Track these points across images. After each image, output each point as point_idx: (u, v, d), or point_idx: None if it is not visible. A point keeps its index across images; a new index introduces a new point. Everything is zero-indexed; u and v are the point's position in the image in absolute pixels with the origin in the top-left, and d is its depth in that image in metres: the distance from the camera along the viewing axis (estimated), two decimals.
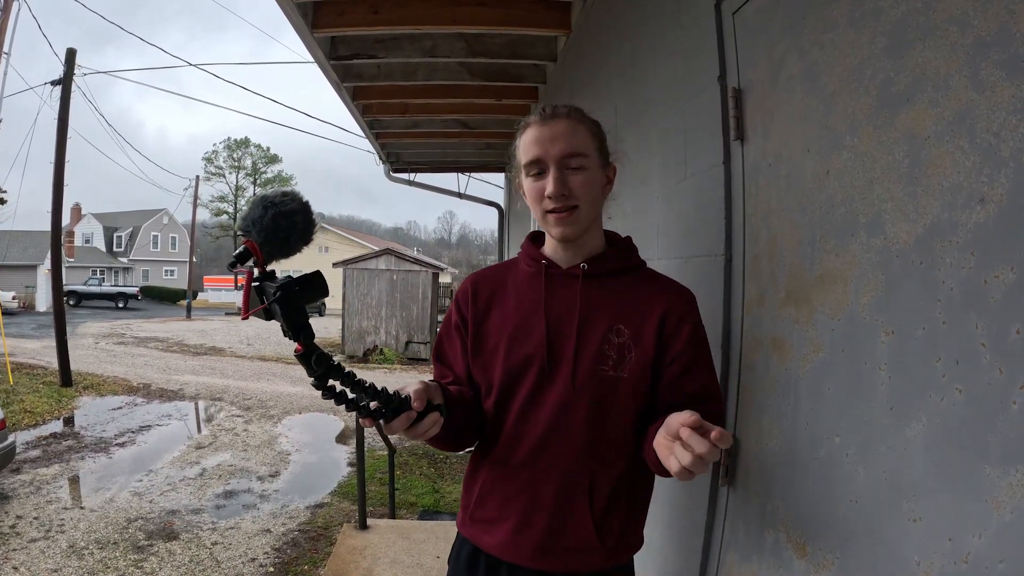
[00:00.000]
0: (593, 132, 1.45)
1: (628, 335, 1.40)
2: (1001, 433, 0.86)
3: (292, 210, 1.09)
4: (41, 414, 10.45)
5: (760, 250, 1.53)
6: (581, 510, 1.40)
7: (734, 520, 1.60)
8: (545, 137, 1.41)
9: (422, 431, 1.25)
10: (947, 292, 0.95)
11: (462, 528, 1.56)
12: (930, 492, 0.98)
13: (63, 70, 13.41)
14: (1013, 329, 0.84)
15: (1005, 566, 0.85)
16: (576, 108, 1.47)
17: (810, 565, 1.28)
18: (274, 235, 1.07)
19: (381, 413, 1.21)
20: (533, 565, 1.43)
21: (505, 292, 1.54)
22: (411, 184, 9.33)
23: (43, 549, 5.40)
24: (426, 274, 19.60)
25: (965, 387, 0.92)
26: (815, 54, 1.31)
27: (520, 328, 1.47)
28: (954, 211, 0.94)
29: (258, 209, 1.09)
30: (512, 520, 1.44)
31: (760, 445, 1.50)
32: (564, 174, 1.39)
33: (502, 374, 1.47)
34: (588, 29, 3.43)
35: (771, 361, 1.46)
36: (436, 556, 4.33)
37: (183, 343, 21.05)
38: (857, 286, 1.17)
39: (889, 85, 1.08)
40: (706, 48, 1.78)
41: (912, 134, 1.03)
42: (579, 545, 1.41)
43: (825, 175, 1.27)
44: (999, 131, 0.86)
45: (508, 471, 1.45)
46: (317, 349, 1.10)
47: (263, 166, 63.56)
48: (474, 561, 1.51)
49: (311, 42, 3.99)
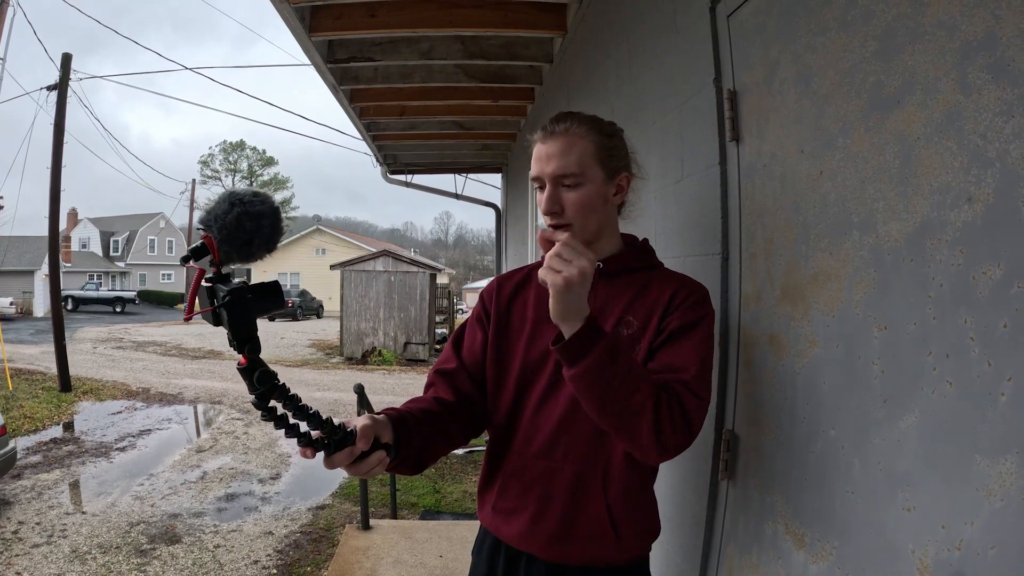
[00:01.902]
0: (598, 144, 1.44)
1: (636, 327, 1.42)
2: (991, 424, 0.89)
3: (259, 212, 1.00)
4: (41, 420, 10.43)
5: (756, 249, 1.56)
6: (595, 500, 1.43)
7: (734, 513, 1.63)
8: (542, 155, 1.44)
9: (365, 469, 1.21)
10: (937, 288, 0.99)
11: (483, 519, 1.59)
12: (923, 482, 1.02)
13: (59, 75, 13.38)
14: (1001, 323, 0.87)
15: (996, 552, 0.88)
16: (583, 118, 1.47)
17: (808, 555, 1.31)
18: (236, 235, 0.98)
19: (323, 444, 1.13)
20: (549, 556, 1.45)
21: (528, 291, 1.58)
22: (408, 185, 9.35)
23: (46, 554, 5.40)
24: (423, 275, 19.60)
25: (956, 380, 0.95)
26: (808, 57, 1.34)
27: (539, 325, 1.50)
28: (943, 210, 0.97)
29: (224, 205, 0.99)
30: (530, 509, 1.47)
31: (759, 439, 1.53)
32: (558, 192, 1.42)
33: (520, 368, 1.50)
34: (584, 31, 3.46)
35: (768, 357, 1.49)
36: (439, 555, 4.36)
37: (181, 347, 21.02)
38: (851, 283, 1.20)
39: (880, 88, 1.12)
40: (702, 50, 1.81)
41: (902, 135, 1.06)
42: (593, 535, 1.43)
43: (819, 175, 1.30)
44: (986, 132, 0.90)
45: (526, 461, 1.48)
46: (263, 365, 1.01)
47: (259, 169, 63.56)
48: (495, 554, 1.54)
49: (308, 45, 4.01)
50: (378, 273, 19.35)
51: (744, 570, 1.58)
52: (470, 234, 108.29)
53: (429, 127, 6.64)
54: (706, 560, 1.75)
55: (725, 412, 1.69)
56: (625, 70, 2.63)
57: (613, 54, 2.82)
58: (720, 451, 1.67)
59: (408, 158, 8.65)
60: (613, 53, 2.82)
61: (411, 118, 6.12)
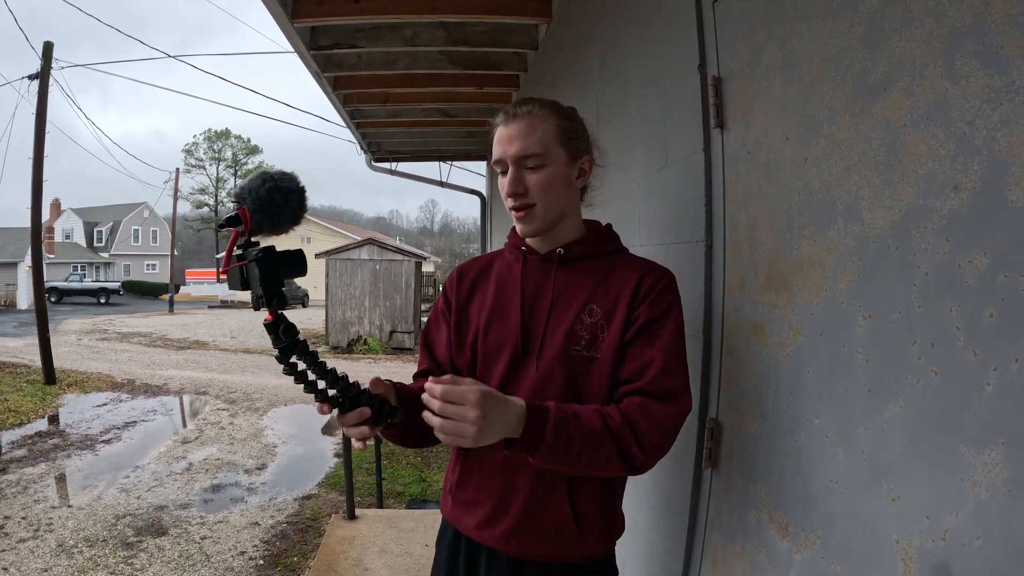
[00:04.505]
0: (560, 127, 1.44)
1: (600, 315, 1.41)
2: (976, 414, 0.88)
3: (289, 188, 1.13)
4: (25, 413, 10.34)
5: (740, 236, 1.55)
6: (558, 493, 1.41)
7: (718, 502, 1.63)
8: (504, 137, 1.44)
9: (371, 432, 1.28)
10: (922, 277, 0.98)
11: (444, 511, 1.58)
12: (908, 472, 1.01)
13: (40, 64, 13.18)
14: (986, 313, 0.86)
15: (981, 543, 0.87)
16: (544, 102, 1.47)
17: (792, 545, 1.30)
18: (267, 207, 1.11)
19: (338, 402, 1.21)
20: (508, 550, 1.44)
21: (488, 279, 1.57)
22: (393, 173, 9.30)
23: (32, 549, 5.36)
24: (409, 263, 19.54)
25: (941, 369, 0.94)
26: (794, 43, 1.32)
27: (497, 312, 1.50)
28: (929, 198, 0.96)
29: (257, 180, 1.13)
30: (490, 502, 1.46)
31: (742, 428, 1.53)
32: (521, 173, 1.42)
33: (480, 356, 1.50)
34: (569, 17, 3.43)
35: (752, 345, 1.49)
36: (424, 544, 4.36)
37: (166, 337, 20.90)
38: (835, 271, 1.19)
39: (866, 74, 1.10)
40: (687, 36, 1.79)
41: (888, 122, 1.05)
42: (555, 529, 1.41)
43: (803, 163, 1.28)
44: (973, 120, 0.88)
45: (486, 453, 1.45)
46: (287, 320, 1.13)
47: (243, 157, 63.07)
48: (455, 545, 1.53)
49: (291, 32, 3.96)
50: (363, 262, 19.27)
51: (728, 559, 1.57)
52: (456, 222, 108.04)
53: (413, 114, 6.59)
54: (690, 549, 1.75)
55: (708, 401, 1.68)
56: (609, 56, 2.61)
57: (598, 40, 2.79)
58: (703, 439, 1.67)
59: (392, 145, 8.60)
60: (598, 39, 2.79)
61: (395, 105, 6.07)
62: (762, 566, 1.42)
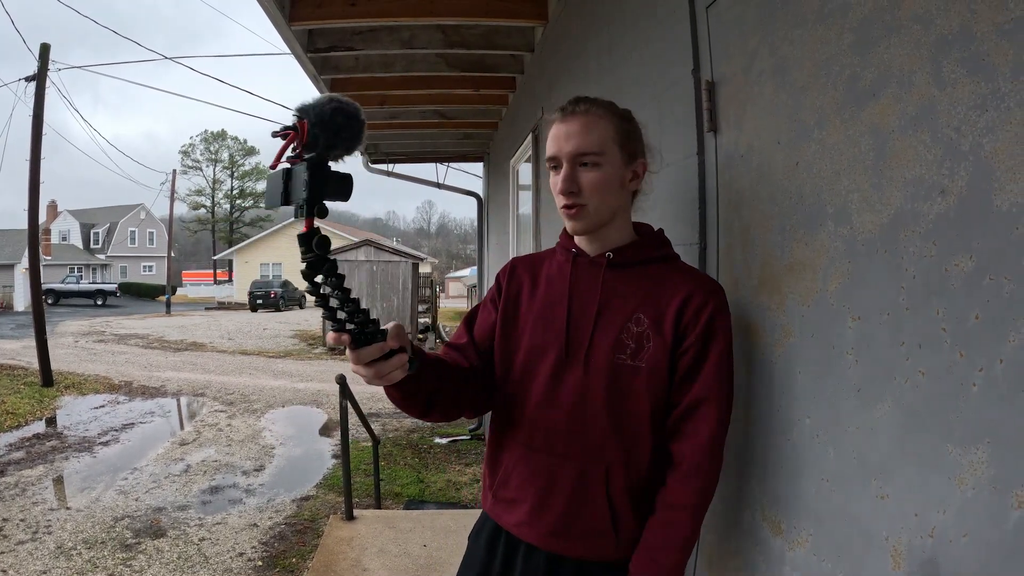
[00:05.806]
0: (618, 127, 1.44)
1: (648, 324, 1.40)
2: (963, 413, 0.90)
3: (352, 113, 1.11)
4: (23, 415, 10.33)
5: (733, 239, 1.57)
6: (597, 497, 1.41)
7: (713, 501, 1.65)
8: (560, 134, 1.43)
9: (387, 370, 1.21)
10: (910, 279, 1.00)
11: (486, 506, 1.58)
12: (897, 470, 1.03)
13: (37, 66, 13.17)
14: (972, 315, 0.88)
15: (968, 540, 0.89)
16: (601, 102, 1.46)
17: (785, 542, 1.32)
18: (328, 124, 1.09)
19: (354, 335, 1.18)
20: (548, 547, 1.44)
21: (539, 277, 1.56)
22: (389, 175, 9.31)
23: (31, 551, 5.37)
24: (406, 264, 19.54)
25: (928, 370, 0.96)
26: (785, 49, 1.34)
27: (545, 312, 1.49)
28: (917, 202, 0.98)
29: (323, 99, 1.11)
30: (531, 501, 1.46)
31: (735, 427, 1.54)
32: (576, 171, 1.41)
33: (524, 355, 1.49)
34: (565, 20, 3.45)
35: (745, 346, 1.50)
36: (423, 545, 4.37)
37: (163, 339, 20.87)
38: (825, 274, 1.21)
39: (856, 80, 1.12)
40: (680, 41, 1.81)
41: (877, 128, 1.07)
42: (594, 531, 1.42)
43: (795, 167, 1.30)
44: (959, 126, 0.90)
45: (528, 453, 1.46)
46: (321, 233, 1.11)
47: (240, 158, 62.94)
48: (495, 539, 1.53)
49: (288, 35, 3.98)
50: (360, 263, 19.25)
51: (723, 557, 1.59)
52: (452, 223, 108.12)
53: (410, 116, 6.62)
54: None
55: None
56: (605, 59, 2.62)
57: (593, 44, 2.81)
58: None
59: (389, 147, 8.62)
60: (593, 43, 2.81)
61: (392, 107, 6.08)
62: (756, 563, 1.44)
